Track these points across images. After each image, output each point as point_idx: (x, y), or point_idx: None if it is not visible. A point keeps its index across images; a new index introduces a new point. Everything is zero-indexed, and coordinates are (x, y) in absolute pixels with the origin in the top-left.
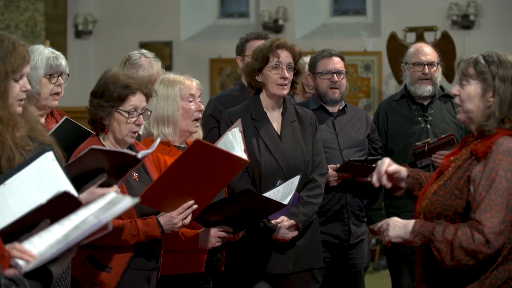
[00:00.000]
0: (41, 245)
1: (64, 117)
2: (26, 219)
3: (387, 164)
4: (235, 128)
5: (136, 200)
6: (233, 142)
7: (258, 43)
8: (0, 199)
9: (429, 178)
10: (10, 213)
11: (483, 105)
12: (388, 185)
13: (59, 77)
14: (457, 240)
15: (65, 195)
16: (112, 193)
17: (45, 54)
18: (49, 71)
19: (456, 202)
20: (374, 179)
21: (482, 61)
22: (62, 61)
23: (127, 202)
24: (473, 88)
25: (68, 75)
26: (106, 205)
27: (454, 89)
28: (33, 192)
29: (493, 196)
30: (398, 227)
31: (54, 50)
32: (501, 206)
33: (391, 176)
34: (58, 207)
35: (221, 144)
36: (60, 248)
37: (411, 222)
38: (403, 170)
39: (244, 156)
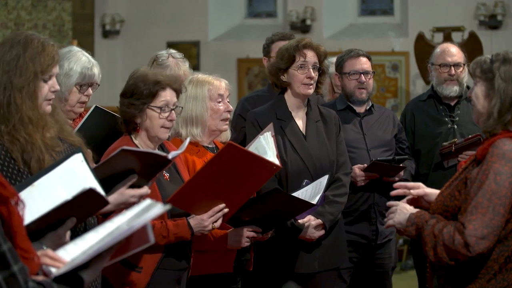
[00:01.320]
0: (75, 252)
1: (94, 105)
2: (51, 217)
3: (418, 191)
4: (267, 133)
5: (167, 207)
6: (266, 146)
7: (284, 44)
8: (28, 199)
9: None
10: (38, 214)
11: (487, 106)
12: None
13: (89, 88)
14: (441, 237)
15: (90, 192)
16: (147, 200)
17: (81, 62)
18: (81, 81)
19: (454, 204)
20: (400, 191)
21: (488, 61)
22: (96, 70)
23: (158, 209)
24: (479, 88)
25: (99, 85)
26: (139, 212)
27: (469, 91)
28: (61, 193)
29: (480, 199)
30: (403, 213)
31: (90, 58)
32: (486, 210)
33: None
34: (83, 205)
35: (253, 148)
36: (90, 254)
37: (414, 211)
38: (433, 195)
39: (276, 161)
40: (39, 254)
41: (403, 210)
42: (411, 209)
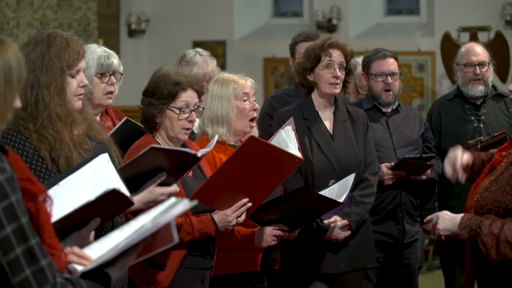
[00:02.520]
0: (101, 250)
1: (125, 118)
2: (75, 217)
3: (461, 159)
4: (288, 126)
5: (193, 203)
6: (287, 140)
7: (307, 44)
8: (54, 199)
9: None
10: (63, 213)
11: None
12: (464, 180)
13: (111, 76)
14: (503, 234)
15: (114, 192)
16: (172, 199)
17: (96, 53)
18: (100, 70)
19: (507, 199)
20: (449, 174)
21: None
22: (114, 60)
23: (184, 205)
24: None
25: (122, 74)
26: (165, 209)
27: (510, 85)
28: (86, 193)
29: None
30: (447, 220)
31: (106, 49)
32: None
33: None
34: (108, 205)
35: (274, 142)
36: (117, 250)
37: (460, 215)
38: (470, 159)
39: (298, 154)
40: (66, 251)
41: (445, 217)
42: (451, 214)
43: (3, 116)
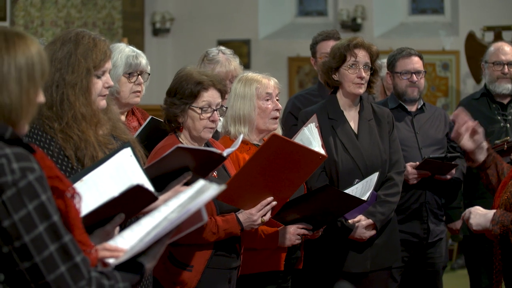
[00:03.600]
0: (131, 238)
1: (150, 117)
2: (99, 213)
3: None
4: (311, 124)
5: (222, 187)
6: (310, 137)
7: (328, 43)
8: None
9: (502, 165)
10: (86, 209)
11: None
12: (469, 145)
13: (139, 76)
14: None
15: (137, 188)
16: (200, 181)
17: (125, 52)
18: (128, 70)
19: None
20: (454, 130)
21: None
22: (142, 60)
23: (214, 190)
24: None
25: (149, 74)
26: (194, 194)
27: None
28: (109, 188)
29: None
30: (479, 215)
31: (134, 49)
32: None
33: (473, 133)
34: (132, 201)
35: (297, 139)
36: (149, 240)
37: (492, 211)
38: (484, 141)
39: (322, 151)
40: (97, 248)
41: (478, 212)
42: (484, 210)
43: (28, 111)
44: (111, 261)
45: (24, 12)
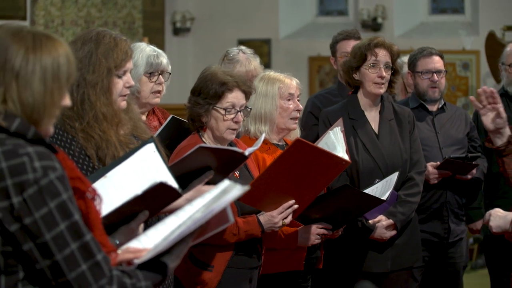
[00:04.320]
0: (156, 236)
1: (171, 116)
2: (123, 211)
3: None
4: (337, 128)
5: (246, 187)
6: (335, 142)
7: (349, 43)
8: (101, 191)
9: None
10: (111, 206)
11: None
12: (490, 125)
13: (160, 76)
14: None
15: (161, 185)
16: (225, 181)
17: (146, 52)
18: (149, 70)
19: None
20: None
21: None
22: (163, 59)
23: (238, 190)
24: None
25: (170, 73)
26: (219, 194)
27: None
28: (133, 184)
29: None
30: (498, 217)
31: (155, 48)
32: None
33: (497, 115)
34: (156, 198)
35: (322, 143)
36: (173, 239)
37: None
38: (507, 128)
39: (345, 156)
40: (120, 252)
41: (498, 214)
42: (504, 212)
43: (51, 113)
44: (136, 261)
45: (45, 12)
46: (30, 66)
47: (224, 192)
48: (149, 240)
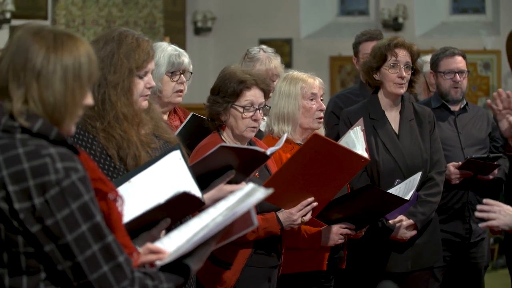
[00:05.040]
0: (179, 238)
1: (191, 113)
2: (145, 218)
3: None
4: (357, 127)
5: (269, 191)
6: (355, 140)
7: (371, 44)
8: (125, 196)
9: None
10: (133, 211)
11: None
12: (507, 131)
13: (181, 75)
14: None
15: (184, 195)
16: (250, 184)
17: (167, 51)
18: (171, 69)
19: None
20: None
21: None
22: (185, 58)
23: (261, 193)
24: None
25: (191, 73)
26: (243, 197)
27: None
28: (157, 191)
29: None
30: (509, 215)
31: (177, 48)
32: None
33: None
34: (178, 206)
35: (343, 142)
36: (196, 241)
37: None
38: None
39: (364, 154)
40: (140, 251)
41: (508, 212)
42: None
43: (73, 112)
44: (158, 263)
45: (66, 11)
46: (51, 66)
47: (248, 195)
48: (172, 242)
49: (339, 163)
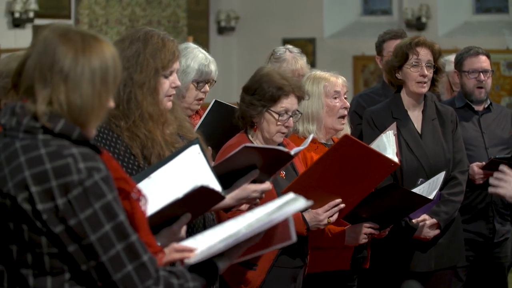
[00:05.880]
0: (212, 238)
1: (214, 100)
2: (165, 213)
3: None
4: (390, 131)
5: (309, 203)
6: (386, 144)
7: (395, 42)
8: (145, 192)
9: None
10: (154, 207)
11: None
12: None
13: (206, 85)
14: None
15: (202, 189)
16: (290, 194)
17: (198, 59)
18: (199, 78)
19: None
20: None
21: None
22: (213, 67)
23: (301, 203)
24: None
25: (215, 81)
26: (281, 205)
27: None
28: (177, 186)
29: None
30: None
31: (207, 55)
32: None
33: None
34: (198, 201)
35: (374, 145)
36: (229, 243)
37: None
38: None
39: (394, 158)
40: (166, 250)
41: None
42: None
43: (98, 115)
44: (186, 261)
45: (89, 10)
46: (79, 68)
47: (287, 204)
48: (205, 240)
49: (369, 166)
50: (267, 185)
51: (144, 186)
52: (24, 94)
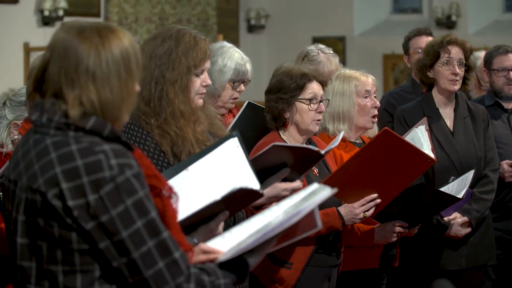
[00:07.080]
0: (240, 234)
1: (247, 101)
2: (203, 212)
3: None
4: (422, 126)
5: (334, 190)
6: (421, 139)
7: (421, 39)
8: (181, 185)
9: None
10: (190, 201)
11: None
12: None
13: (242, 84)
14: None
15: (240, 191)
16: (314, 184)
17: (234, 58)
18: (235, 78)
19: None
20: None
21: None
22: (249, 67)
23: (326, 192)
24: None
25: (249, 80)
26: (307, 196)
27: None
28: (215, 180)
29: None
30: None
31: (242, 55)
32: None
33: None
34: (236, 200)
35: (408, 138)
36: (257, 239)
37: None
38: None
39: (431, 154)
40: (193, 249)
41: None
42: None
43: (129, 103)
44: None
45: (118, 9)
46: (104, 64)
47: (312, 194)
48: (233, 237)
49: (405, 161)
50: (297, 183)
51: (181, 177)
52: (53, 98)
